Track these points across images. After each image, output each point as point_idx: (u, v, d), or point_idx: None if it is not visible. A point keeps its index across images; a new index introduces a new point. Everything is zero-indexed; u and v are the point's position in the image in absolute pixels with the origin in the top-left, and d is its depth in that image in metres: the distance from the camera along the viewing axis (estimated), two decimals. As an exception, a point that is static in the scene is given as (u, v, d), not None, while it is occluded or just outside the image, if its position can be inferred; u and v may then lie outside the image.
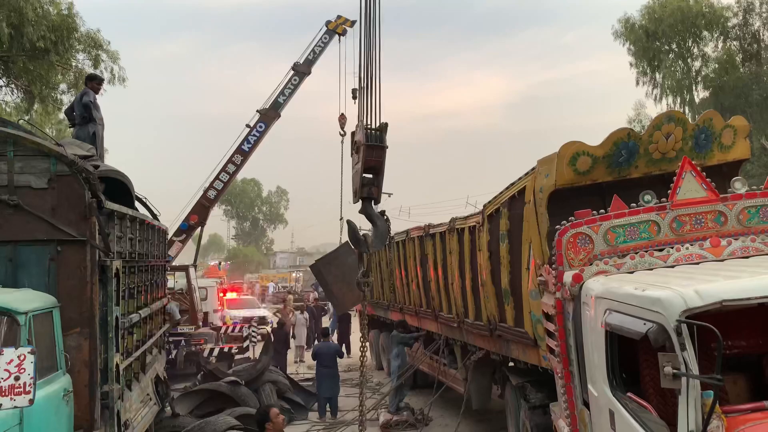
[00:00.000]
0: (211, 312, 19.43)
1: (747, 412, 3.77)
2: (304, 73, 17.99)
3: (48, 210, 5.86)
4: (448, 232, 10.13)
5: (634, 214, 5.48)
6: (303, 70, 17.95)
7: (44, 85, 19.77)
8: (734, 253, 5.13)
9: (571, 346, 5.35)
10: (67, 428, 5.44)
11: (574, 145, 6.66)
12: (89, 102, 8.62)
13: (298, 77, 17.94)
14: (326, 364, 12.29)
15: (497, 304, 8.32)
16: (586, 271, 5.22)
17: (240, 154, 17.48)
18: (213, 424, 9.96)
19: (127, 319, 7.01)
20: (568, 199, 6.73)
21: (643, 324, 3.84)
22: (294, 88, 17.94)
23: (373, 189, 7.49)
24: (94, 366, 5.82)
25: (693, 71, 26.68)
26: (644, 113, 30.27)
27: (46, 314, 5.40)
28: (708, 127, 6.94)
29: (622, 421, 4.22)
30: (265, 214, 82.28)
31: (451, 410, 11.58)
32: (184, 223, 17.11)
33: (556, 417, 6.38)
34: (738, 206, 5.45)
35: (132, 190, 8.08)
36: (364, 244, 7.04)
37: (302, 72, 17.94)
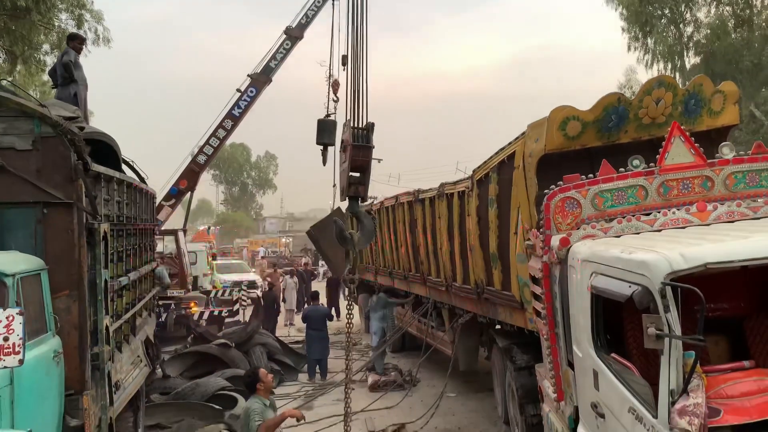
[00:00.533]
0: (200, 276, 19.48)
1: (727, 372, 3.87)
2: (297, 38, 17.66)
3: (33, 172, 5.79)
4: (437, 197, 10.15)
5: (622, 179, 5.50)
6: (295, 35, 17.62)
7: (27, 46, 19.34)
8: (720, 217, 5.18)
9: (557, 309, 5.43)
10: (58, 389, 5.49)
11: (564, 109, 6.64)
12: (69, 62, 8.43)
13: (290, 42, 17.62)
14: (316, 327, 12.43)
15: (485, 268, 8.40)
16: (573, 235, 5.25)
17: (230, 119, 17.30)
18: (204, 386, 10.10)
19: (116, 282, 7.02)
20: (557, 164, 6.74)
21: (628, 287, 3.90)
22: (286, 53, 17.65)
23: (360, 188, 7.62)
24: (83, 328, 5.84)
25: (685, 37, 26.51)
26: (635, 79, 30.16)
27: (34, 276, 5.39)
28: (698, 93, 6.93)
29: (606, 381, 4.31)
30: (254, 179, 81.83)
31: (438, 372, 11.79)
32: (174, 188, 17.03)
33: (541, 378, 6.51)
34: (725, 171, 5.48)
35: (119, 152, 7.99)
36: (351, 242, 7.20)
37: (294, 36, 17.62)
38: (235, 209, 79.69)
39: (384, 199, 13.89)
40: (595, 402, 4.51)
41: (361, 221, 8.37)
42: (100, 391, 6.12)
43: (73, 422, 5.61)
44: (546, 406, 6.31)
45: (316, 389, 11.66)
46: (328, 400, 10.87)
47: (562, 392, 5.51)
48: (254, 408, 5.67)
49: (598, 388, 4.46)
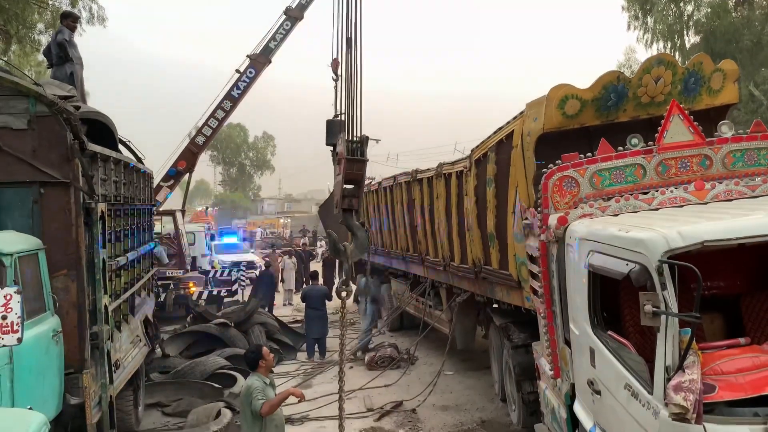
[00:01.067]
0: (199, 256, 19.52)
1: (722, 348, 3.90)
2: (297, 18, 17.40)
3: (29, 151, 5.77)
4: (435, 177, 10.13)
5: (620, 158, 5.49)
6: (295, 15, 17.36)
7: (21, 25, 19.12)
8: (718, 196, 5.18)
9: (554, 287, 5.45)
10: (57, 367, 5.52)
11: (563, 88, 6.59)
12: (64, 40, 8.33)
13: (290, 22, 17.38)
14: (315, 306, 12.50)
15: (482, 247, 8.42)
16: (571, 214, 5.26)
17: (229, 100, 17.17)
18: (203, 364, 10.18)
19: (114, 262, 7.02)
20: (555, 143, 6.71)
21: (625, 264, 3.91)
22: (285, 34, 17.42)
23: (353, 200, 7.82)
24: (82, 307, 5.86)
25: (685, 16, 26.24)
26: (634, 58, 29.95)
27: (32, 256, 5.39)
28: (698, 71, 6.88)
29: (602, 358, 4.34)
30: (251, 159, 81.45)
31: (436, 350, 11.88)
32: (172, 169, 16.98)
33: (538, 356, 6.56)
34: (723, 150, 5.47)
35: (115, 132, 7.96)
36: (344, 254, 7.33)
37: (294, 17, 17.36)
38: (232, 190, 79.50)
39: (382, 179, 13.87)
40: (592, 379, 4.55)
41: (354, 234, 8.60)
42: (99, 370, 6.16)
43: (74, 400, 5.66)
44: (543, 383, 6.36)
45: (314, 368, 11.75)
46: (327, 377, 10.96)
47: (558, 370, 5.55)
48: (256, 386, 5.69)
49: (595, 366, 4.50)
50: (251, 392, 5.61)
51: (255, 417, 5.61)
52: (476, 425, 8.42)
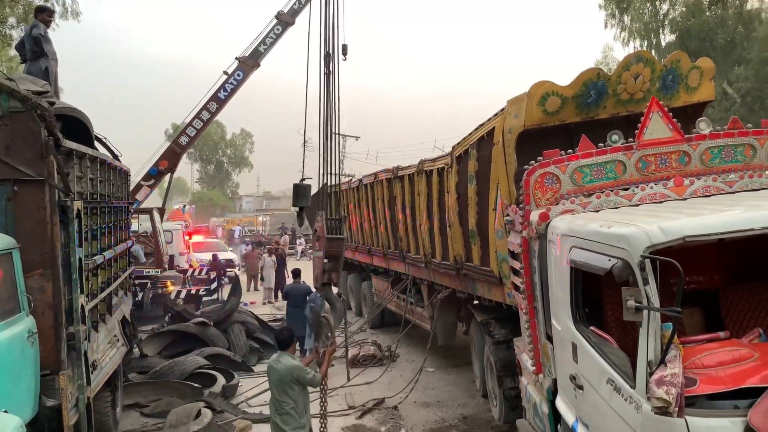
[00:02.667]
0: (176, 255, 19.30)
1: (703, 342, 3.95)
2: (288, 23, 17.26)
3: (2, 148, 5.61)
4: (416, 174, 10.13)
5: (601, 154, 5.53)
6: (286, 20, 17.22)
7: (-9, 19, 18.71)
8: (696, 192, 5.24)
9: (536, 283, 5.47)
10: (33, 369, 5.40)
11: (543, 85, 6.63)
12: (39, 35, 8.13)
13: (281, 27, 17.25)
14: (296, 304, 12.38)
15: (464, 244, 8.43)
16: (552, 210, 5.28)
17: (215, 102, 17.03)
18: (182, 364, 10.06)
19: (90, 261, 6.89)
20: (535, 139, 6.75)
21: (608, 260, 3.93)
22: (276, 38, 17.31)
23: (332, 275, 8.37)
24: (58, 307, 5.73)
25: (661, 14, 26.63)
26: (611, 56, 30.31)
27: (6, 255, 5.25)
28: (675, 68, 6.97)
29: (585, 353, 4.37)
30: (229, 157, 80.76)
31: (417, 347, 11.89)
32: (154, 168, 16.79)
33: (519, 351, 6.59)
34: (702, 147, 5.54)
35: (91, 129, 7.79)
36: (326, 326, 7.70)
37: (286, 22, 17.23)
38: (210, 188, 78.76)
39: (363, 177, 13.83)
40: (574, 374, 4.57)
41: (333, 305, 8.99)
42: (76, 371, 6.04)
43: (50, 402, 5.54)
44: (524, 379, 6.39)
45: (295, 366, 11.68)
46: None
47: (540, 365, 5.58)
48: (298, 365, 6.01)
49: (577, 361, 4.53)
50: (300, 371, 5.96)
51: (303, 390, 6.05)
52: (458, 421, 8.44)
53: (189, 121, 17.17)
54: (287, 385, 5.98)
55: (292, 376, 5.94)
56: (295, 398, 5.99)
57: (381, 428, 8.41)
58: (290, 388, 5.98)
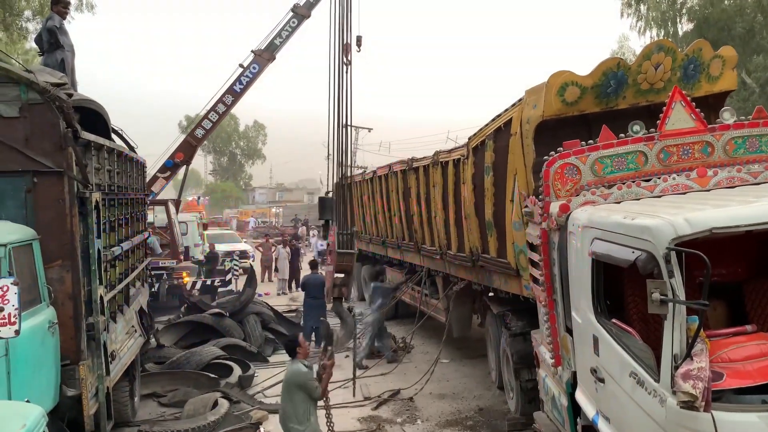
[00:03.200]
0: (192, 246, 19.41)
1: (729, 336, 3.89)
2: (304, 16, 17.17)
3: (21, 140, 5.65)
4: (431, 166, 10.07)
5: (621, 145, 5.45)
6: (302, 13, 17.14)
7: (8, 12, 18.80)
8: (720, 183, 5.15)
9: (555, 275, 5.42)
10: (54, 359, 5.45)
11: (562, 74, 6.54)
12: (54, 27, 8.15)
13: (297, 20, 17.16)
14: (314, 295, 12.47)
15: (480, 235, 8.38)
16: (573, 201, 5.22)
17: (231, 95, 17.04)
18: (199, 354, 10.12)
19: (108, 252, 6.93)
20: (553, 130, 6.67)
21: (631, 252, 3.87)
22: (292, 31, 17.21)
23: (343, 289, 8.44)
24: (78, 298, 5.78)
25: (678, 3, 26.21)
26: (627, 46, 29.94)
27: (26, 247, 5.30)
28: (697, 58, 6.85)
29: (606, 346, 4.32)
30: (242, 149, 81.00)
31: (431, 339, 11.88)
32: (170, 161, 16.86)
33: (537, 344, 6.54)
34: (725, 137, 5.44)
35: (108, 121, 7.83)
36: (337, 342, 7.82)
37: (301, 15, 17.15)
38: (223, 179, 79.10)
39: (377, 168, 13.80)
40: (595, 367, 4.53)
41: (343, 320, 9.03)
42: (96, 361, 6.09)
43: (70, 392, 5.60)
44: (542, 371, 6.35)
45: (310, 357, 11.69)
46: (323, 368, 10.91)
47: (559, 358, 5.54)
48: (305, 371, 5.91)
49: (598, 354, 4.48)
50: (304, 378, 5.88)
51: (305, 399, 5.89)
52: (474, 413, 8.43)
53: (205, 113, 17.21)
54: (291, 389, 5.92)
55: (296, 381, 5.88)
56: (297, 403, 5.87)
57: (397, 419, 8.41)
58: (294, 392, 5.91)
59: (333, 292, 8.60)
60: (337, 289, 8.61)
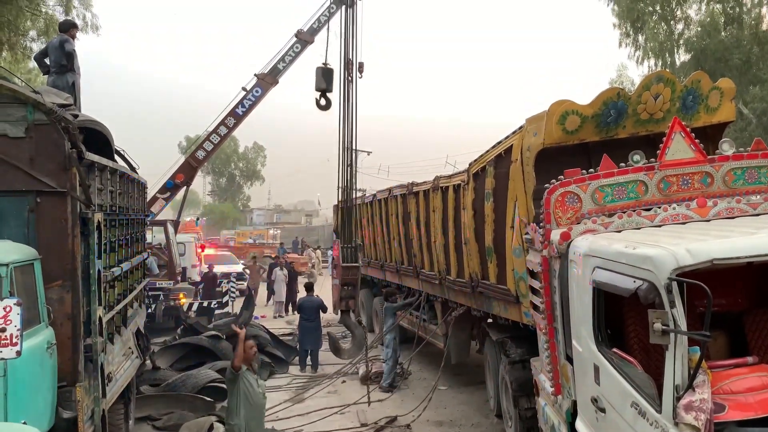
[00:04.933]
0: (189, 267, 19.36)
1: (730, 367, 3.88)
2: (307, 42, 17.49)
3: (26, 160, 5.68)
4: (431, 190, 10.12)
5: (622, 174, 5.50)
6: (306, 39, 17.44)
7: (13, 32, 18.98)
8: (719, 213, 5.19)
9: (555, 303, 5.42)
10: (51, 380, 5.41)
11: (563, 103, 6.62)
12: (73, 50, 8.25)
13: (300, 45, 17.47)
14: (309, 318, 12.42)
15: (480, 261, 8.39)
16: (573, 229, 5.25)
17: (233, 117, 17.23)
18: (194, 377, 10.04)
19: (108, 273, 6.92)
20: (554, 158, 6.74)
21: (632, 281, 3.89)
22: (295, 56, 17.52)
23: (350, 302, 8.65)
24: (77, 319, 5.75)
25: (675, 34, 26.61)
26: (626, 75, 30.28)
27: (27, 266, 5.29)
28: (696, 89, 6.95)
29: (608, 376, 4.31)
30: (241, 170, 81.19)
31: (429, 365, 11.80)
32: (170, 182, 16.96)
33: (536, 371, 6.51)
34: (724, 168, 5.50)
35: (111, 141, 7.88)
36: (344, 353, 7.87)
37: (305, 40, 17.46)
38: (222, 200, 79.14)
39: (377, 192, 13.85)
40: (596, 396, 4.51)
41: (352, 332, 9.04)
42: (93, 383, 6.04)
43: (66, 414, 5.54)
44: (542, 399, 6.31)
45: (307, 382, 11.62)
46: (320, 392, 10.84)
47: (559, 386, 5.51)
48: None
49: (599, 383, 4.46)
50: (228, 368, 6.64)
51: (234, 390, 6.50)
52: (472, 441, 8.35)
53: (206, 135, 17.35)
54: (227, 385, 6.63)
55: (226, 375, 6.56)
56: (229, 397, 6.52)
57: (394, 446, 8.33)
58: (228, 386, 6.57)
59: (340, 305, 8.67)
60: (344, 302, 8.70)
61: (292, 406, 9.93)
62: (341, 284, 8.53)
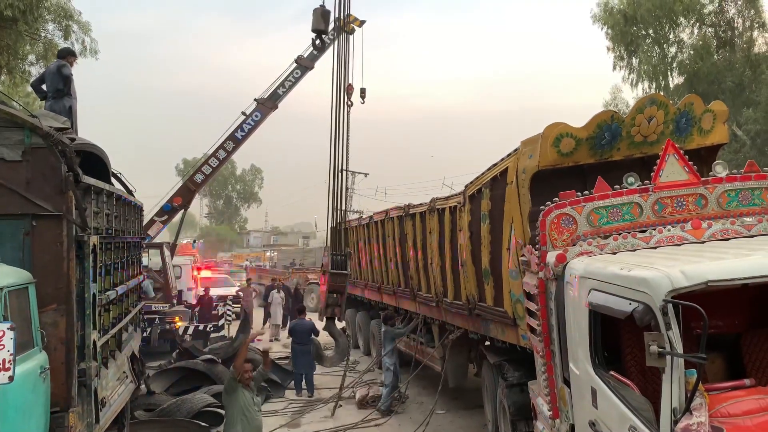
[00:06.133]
0: (185, 290, 19.26)
1: (728, 390, 3.87)
2: (307, 68, 17.73)
3: (22, 183, 5.67)
4: (428, 212, 10.14)
5: (617, 196, 5.53)
6: (306, 65, 17.69)
7: (12, 56, 19.11)
8: (714, 235, 5.21)
9: (552, 325, 5.41)
10: (44, 406, 5.34)
11: (558, 126, 6.67)
12: (70, 75, 8.32)
13: (300, 71, 17.71)
14: (301, 341, 12.28)
15: (477, 283, 8.37)
16: (569, 251, 5.26)
17: (232, 141, 17.34)
18: (190, 402, 9.93)
19: (103, 296, 6.88)
20: (549, 180, 6.77)
21: (628, 304, 3.89)
22: (295, 81, 17.76)
23: (336, 309, 8.73)
24: (71, 343, 5.69)
25: (669, 57, 26.95)
26: (620, 97, 30.58)
27: (22, 290, 5.25)
28: (689, 111, 7.01)
29: (605, 398, 4.29)
30: (238, 192, 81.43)
31: (426, 388, 11.70)
32: (167, 204, 16.97)
33: (534, 395, 6.47)
34: (718, 189, 5.53)
35: (108, 164, 7.89)
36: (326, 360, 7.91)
37: (305, 66, 17.69)
38: (218, 222, 79.16)
39: (374, 214, 13.87)
40: (594, 420, 4.48)
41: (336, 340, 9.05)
42: (86, 408, 5.97)
43: (59, 440, 5.46)
44: (540, 423, 6.26)
45: (303, 406, 11.51)
46: (316, 417, 10.73)
47: (557, 410, 5.47)
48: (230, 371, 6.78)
49: (597, 406, 4.44)
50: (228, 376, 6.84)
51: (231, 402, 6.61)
52: (470, 466, 8.25)
53: (205, 159, 17.43)
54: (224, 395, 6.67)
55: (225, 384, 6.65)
56: (227, 410, 6.57)
57: (391, 472, 8.22)
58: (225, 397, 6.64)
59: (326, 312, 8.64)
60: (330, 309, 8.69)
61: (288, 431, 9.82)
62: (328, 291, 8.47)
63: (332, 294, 8.80)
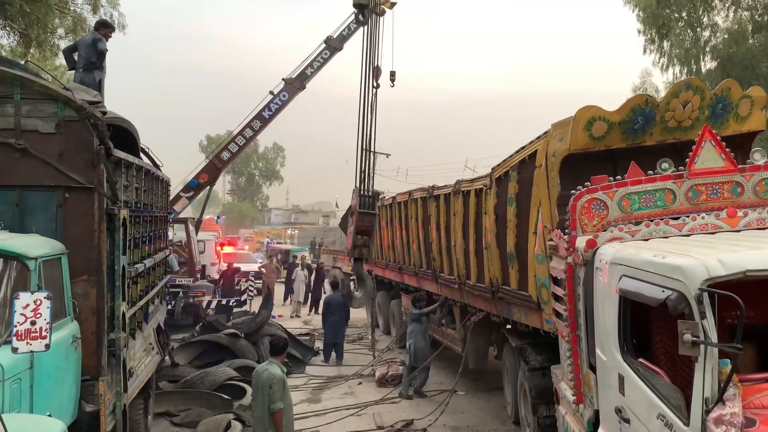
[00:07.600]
0: (208, 265, 19.51)
1: (761, 381, 3.80)
2: (336, 49, 17.67)
3: (55, 155, 5.77)
4: (453, 194, 10.08)
5: (650, 182, 5.42)
6: (335, 45, 17.63)
7: (42, 29, 19.25)
8: (750, 224, 5.09)
9: (579, 311, 5.36)
10: (75, 374, 5.47)
11: (590, 109, 6.57)
12: (105, 50, 8.35)
13: (329, 51, 17.66)
14: (336, 312, 12.93)
15: (501, 266, 8.34)
16: (600, 236, 5.18)
17: (259, 120, 17.42)
18: (213, 375, 10.10)
19: (132, 268, 6.99)
20: (579, 164, 6.68)
21: (661, 291, 3.82)
22: (323, 62, 17.74)
23: (363, 250, 8.68)
24: (101, 314, 5.82)
25: (702, 41, 26.22)
26: (650, 82, 29.91)
27: (55, 260, 5.36)
28: (726, 97, 6.85)
29: (633, 386, 4.25)
30: (261, 170, 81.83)
31: (445, 369, 11.75)
32: (194, 181, 17.20)
33: (557, 379, 6.45)
34: (756, 177, 5.40)
35: (137, 139, 7.97)
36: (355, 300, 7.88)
37: (334, 47, 17.62)
38: (240, 199, 79.75)
39: (397, 194, 13.84)
40: (620, 407, 4.45)
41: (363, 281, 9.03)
42: (115, 378, 6.11)
43: (89, 408, 5.61)
44: (562, 408, 6.25)
45: (324, 382, 11.64)
46: (337, 393, 10.85)
47: (581, 395, 5.45)
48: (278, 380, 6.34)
49: (624, 393, 4.40)
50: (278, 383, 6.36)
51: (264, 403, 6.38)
52: (489, 447, 8.30)
53: (232, 137, 17.54)
54: (262, 392, 6.37)
55: (270, 384, 6.31)
56: (263, 407, 6.34)
57: (410, 450, 8.30)
58: (263, 395, 6.35)
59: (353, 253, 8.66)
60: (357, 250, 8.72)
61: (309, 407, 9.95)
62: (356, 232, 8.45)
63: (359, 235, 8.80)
